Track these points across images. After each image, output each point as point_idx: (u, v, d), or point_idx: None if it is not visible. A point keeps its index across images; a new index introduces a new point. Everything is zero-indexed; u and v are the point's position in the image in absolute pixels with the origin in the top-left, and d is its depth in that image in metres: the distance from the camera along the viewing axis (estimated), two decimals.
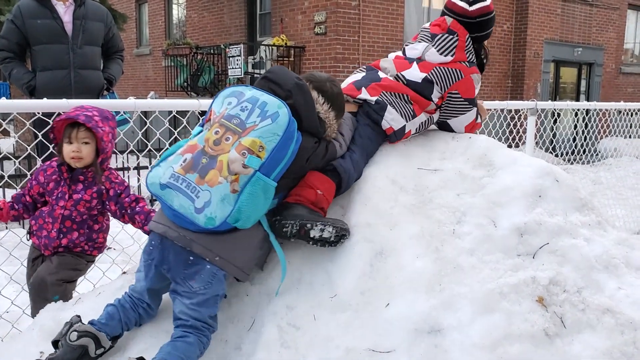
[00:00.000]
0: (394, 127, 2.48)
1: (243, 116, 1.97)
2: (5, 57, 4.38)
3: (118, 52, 4.84)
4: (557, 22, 13.50)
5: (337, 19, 10.33)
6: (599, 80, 14.79)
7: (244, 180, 1.90)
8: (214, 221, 1.87)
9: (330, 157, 2.24)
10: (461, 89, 2.57)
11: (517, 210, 2.22)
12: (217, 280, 1.96)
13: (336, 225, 2.10)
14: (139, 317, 2.08)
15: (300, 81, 2.11)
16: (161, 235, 1.99)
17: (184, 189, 1.89)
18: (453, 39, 2.57)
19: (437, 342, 1.91)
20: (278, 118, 1.95)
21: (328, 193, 2.18)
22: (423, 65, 2.57)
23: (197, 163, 1.92)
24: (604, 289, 2.07)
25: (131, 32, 16.05)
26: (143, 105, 3.07)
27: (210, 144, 1.94)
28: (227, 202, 1.88)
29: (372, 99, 2.49)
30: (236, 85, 2.11)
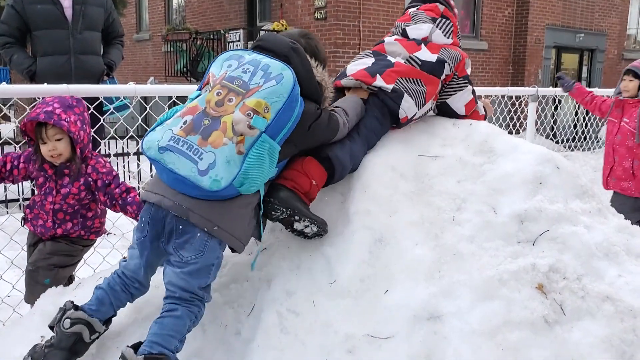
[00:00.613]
0: (409, 115, 2.49)
1: (246, 78, 1.91)
2: (5, 42, 4.36)
3: (118, 38, 4.81)
4: (559, 7, 13.39)
5: (337, 4, 10.25)
6: (601, 66, 14.70)
7: (250, 142, 1.83)
8: (219, 183, 1.79)
9: (333, 129, 2.18)
10: (459, 70, 2.66)
11: (518, 197, 2.21)
12: (210, 249, 1.89)
13: (321, 226, 2.12)
14: (130, 297, 2.05)
15: (295, 44, 2.04)
16: (154, 205, 1.91)
17: (186, 151, 1.81)
18: (450, 24, 2.71)
19: (437, 329, 1.91)
20: (283, 79, 1.90)
21: (320, 182, 2.18)
22: (431, 47, 2.62)
23: (198, 125, 1.84)
24: (604, 277, 2.07)
25: (131, 17, 15.94)
26: (143, 91, 3.06)
27: (212, 105, 1.87)
28: (233, 164, 1.80)
29: (389, 87, 2.47)
30: (234, 50, 2.05)
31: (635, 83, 4.14)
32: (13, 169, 2.63)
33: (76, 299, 2.29)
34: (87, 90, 3.25)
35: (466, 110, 2.70)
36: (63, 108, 2.46)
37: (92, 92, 3.34)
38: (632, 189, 4.07)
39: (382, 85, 2.47)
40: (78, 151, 2.49)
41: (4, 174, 2.65)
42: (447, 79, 2.63)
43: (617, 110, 4.21)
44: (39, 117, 2.40)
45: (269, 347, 1.93)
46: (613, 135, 4.18)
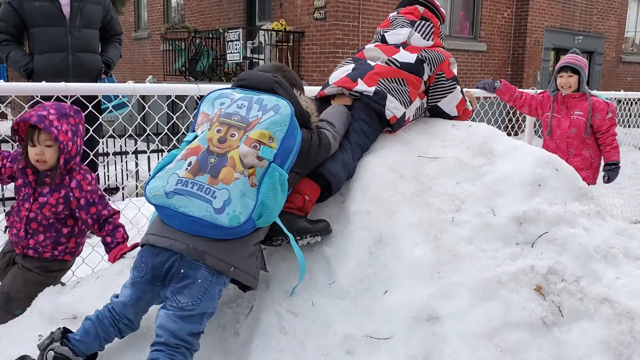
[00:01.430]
0: (397, 115, 2.48)
1: (242, 112, 1.90)
2: (2, 39, 4.35)
3: (116, 36, 4.80)
4: (558, 9, 13.42)
5: (336, 4, 10.25)
6: (599, 69, 14.73)
7: (261, 173, 1.83)
8: (239, 218, 1.76)
9: (325, 147, 2.18)
10: (445, 70, 2.65)
11: (517, 198, 2.22)
12: (208, 297, 1.83)
13: (323, 233, 2.14)
14: (119, 332, 1.98)
15: (276, 78, 2.05)
16: (156, 247, 1.86)
17: (197, 192, 1.78)
18: (430, 25, 2.70)
19: (435, 330, 1.91)
20: (280, 109, 1.90)
21: (313, 197, 2.20)
22: (410, 49, 2.62)
23: (204, 164, 1.81)
24: (602, 279, 2.07)
25: (129, 15, 15.92)
26: (142, 90, 3.06)
27: (215, 143, 1.84)
28: (249, 197, 1.79)
29: (371, 90, 2.47)
30: (221, 89, 2.04)
31: (575, 78, 4.24)
32: (1, 168, 2.55)
33: (74, 298, 2.30)
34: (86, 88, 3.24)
35: (458, 111, 2.72)
36: (58, 115, 2.40)
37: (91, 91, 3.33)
38: (590, 178, 4.24)
39: (364, 89, 2.48)
40: (62, 161, 2.40)
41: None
42: (430, 80, 2.63)
43: (561, 106, 4.33)
44: (31, 119, 2.35)
45: (268, 348, 1.93)
46: (565, 129, 4.29)
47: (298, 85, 2.25)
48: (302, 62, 11.07)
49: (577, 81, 4.27)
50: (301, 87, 2.29)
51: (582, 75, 4.28)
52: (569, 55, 4.40)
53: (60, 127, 2.37)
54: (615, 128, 4.37)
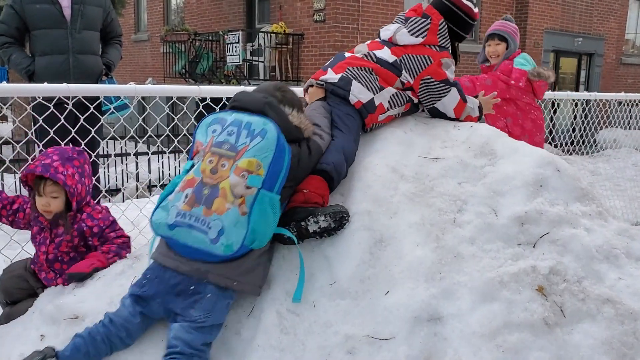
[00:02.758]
0: (362, 100, 2.47)
1: (232, 140, 1.99)
2: (4, 42, 4.36)
3: (117, 37, 4.81)
4: (558, 11, 13.43)
5: (336, 6, 10.27)
6: (599, 70, 14.75)
7: (251, 200, 1.92)
8: (232, 247, 1.88)
9: (316, 152, 2.23)
10: (433, 74, 2.59)
11: (518, 199, 2.22)
12: (218, 310, 1.95)
13: (328, 212, 2.09)
14: (109, 349, 1.99)
15: (267, 98, 2.11)
16: (163, 267, 1.98)
17: (194, 224, 1.90)
18: (425, 22, 2.63)
19: (437, 330, 1.91)
20: (267, 134, 1.98)
21: (315, 188, 2.16)
22: (394, 50, 2.60)
23: (199, 196, 1.92)
24: (604, 279, 2.07)
25: (129, 17, 15.94)
26: (144, 91, 3.06)
27: (207, 174, 1.95)
28: (240, 226, 1.89)
29: (336, 77, 2.50)
30: (215, 113, 2.12)
31: (503, 46, 4.07)
32: (19, 212, 2.58)
33: (75, 298, 2.29)
34: (87, 89, 3.25)
35: (456, 114, 2.68)
36: (61, 160, 2.42)
37: (92, 92, 3.33)
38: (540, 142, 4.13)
39: (330, 77, 2.51)
40: (74, 204, 2.44)
41: (7, 212, 2.59)
42: (414, 85, 2.59)
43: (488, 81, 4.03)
44: (36, 170, 2.37)
45: (269, 347, 1.93)
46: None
47: (295, 104, 2.27)
48: (302, 64, 11.08)
49: (505, 49, 4.07)
50: (299, 105, 2.31)
51: (509, 42, 4.08)
52: (497, 21, 4.22)
53: (66, 172, 2.40)
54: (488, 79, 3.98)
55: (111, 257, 2.44)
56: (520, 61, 4.11)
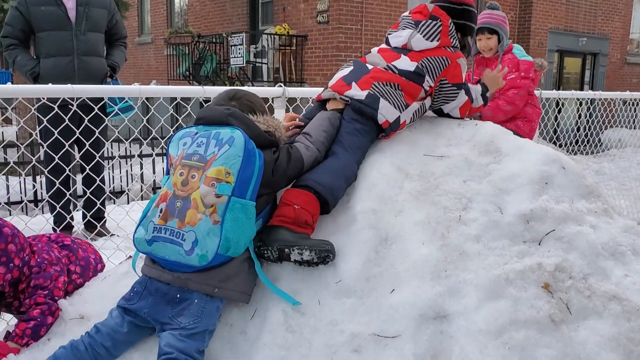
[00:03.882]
0: (390, 120, 2.41)
1: (201, 150, 1.99)
2: (9, 44, 4.38)
3: (121, 39, 4.83)
4: (562, 11, 13.41)
5: (339, 7, 10.27)
6: (604, 70, 14.71)
7: (222, 209, 1.91)
8: (206, 257, 1.89)
9: (297, 160, 2.17)
10: (449, 76, 2.55)
11: (524, 196, 2.21)
12: (207, 315, 1.94)
13: (314, 248, 2.03)
14: (94, 358, 1.95)
15: (229, 110, 2.09)
16: (149, 278, 1.99)
17: (169, 237, 1.92)
18: (437, 24, 2.56)
19: (443, 328, 1.91)
20: (234, 141, 1.97)
21: (307, 205, 2.10)
22: (412, 56, 2.52)
23: (172, 209, 1.94)
24: (611, 276, 2.06)
25: (133, 20, 15.99)
26: (148, 92, 3.07)
27: (179, 187, 1.96)
28: (213, 234, 1.89)
29: (363, 94, 2.40)
30: (186, 128, 2.12)
31: (495, 39, 3.96)
32: None
33: (81, 298, 2.30)
34: (92, 90, 3.26)
35: (462, 114, 2.64)
36: None
37: (97, 93, 3.34)
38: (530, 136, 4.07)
39: (356, 94, 2.41)
40: (7, 288, 2.19)
41: None
42: (432, 88, 2.55)
43: (480, 68, 4.05)
44: None
45: (275, 346, 1.93)
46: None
47: (257, 108, 2.25)
48: (305, 66, 11.09)
49: (496, 42, 3.96)
50: (261, 108, 2.28)
51: (500, 34, 3.95)
52: (484, 12, 4.06)
53: None
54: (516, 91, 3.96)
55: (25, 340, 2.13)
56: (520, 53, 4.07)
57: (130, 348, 2.03)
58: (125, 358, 2.01)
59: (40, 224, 4.28)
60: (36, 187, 5.92)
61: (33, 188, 5.98)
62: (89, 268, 2.45)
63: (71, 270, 2.36)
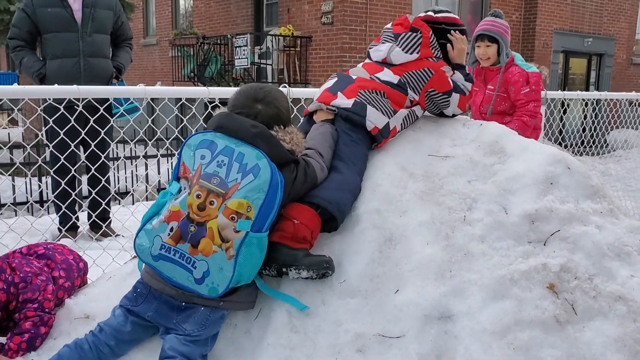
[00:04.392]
0: (379, 126, 2.37)
1: (222, 173, 1.88)
2: (16, 45, 4.41)
3: (127, 41, 4.85)
4: (568, 11, 13.37)
5: (344, 8, 10.28)
6: (609, 71, 14.65)
7: (238, 244, 1.86)
8: (217, 290, 1.87)
9: (313, 177, 2.13)
10: (436, 85, 2.51)
11: (528, 197, 2.21)
12: (212, 323, 1.94)
13: (312, 267, 1.99)
14: (97, 357, 1.95)
15: (256, 128, 1.96)
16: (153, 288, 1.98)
17: (179, 260, 1.87)
18: (417, 36, 2.51)
19: (447, 328, 1.91)
20: (260, 172, 1.88)
21: (307, 220, 2.06)
22: (394, 70, 2.49)
23: (185, 232, 1.86)
24: (616, 277, 2.05)
25: (138, 22, 16.04)
26: (153, 92, 3.08)
27: (194, 210, 1.87)
28: (226, 270, 1.86)
29: (349, 102, 2.37)
30: (201, 132, 1.99)
31: (494, 48, 3.79)
32: None
33: (86, 298, 2.31)
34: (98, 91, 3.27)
35: (462, 109, 2.62)
36: None
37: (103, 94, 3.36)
38: None
39: (342, 103, 2.38)
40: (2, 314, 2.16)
41: None
42: (420, 101, 2.51)
43: (479, 78, 3.92)
44: None
45: (279, 346, 1.93)
46: (478, 105, 3.92)
47: (282, 116, 2.10)
48: (310, 67, 11.10)
49: (496, 51, 3.81)
50: (286, 113, 2.15)
51: (501, 43, 3.80)
52: (486, 19, 3.90)
53: None
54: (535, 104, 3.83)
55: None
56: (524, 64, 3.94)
57: (135, 347, 2.03)
58: (130, 357, 2.01)
59: (46, 224, 4.31)
60: (42, 188, 5.95)
61: (39, 189, 6.01)
62: (72, 269, 2.40)
63: (56, 277, 2.30)
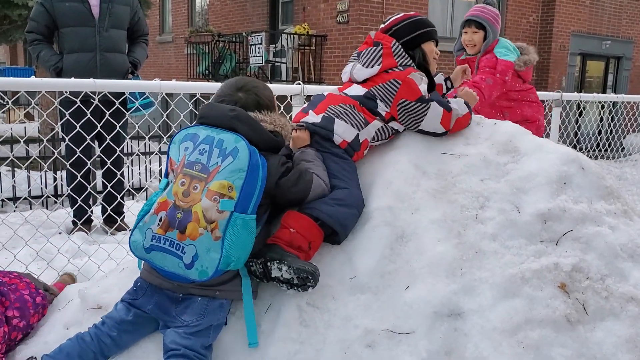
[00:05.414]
0: (347, 139, 2.32)
1: (204, 160, 1.94)
2: (34, 39, 4.46)
3: (143, 36, 4.88)
4: (586, 13, 13.24)
5: (359, 7, 10.27)
6: (627, 74, 14.49)
7: (223, 225, 1.88)
8: (207, 272, 1.88)
9: (306, 182, 2.10)
10: (405, 95, 2.39)
11: (541, 196, 2.20)
12: (210, 312, 1.96)
13: (293, 267, 1.94)
14: (99, 349, 1.98)
15: (234, 111, 2.02)
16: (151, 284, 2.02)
17: (169, 248, 1.90)
18: (377, 49, 2.47)
19: (457, 326, 1.90)
20: (238, 153, 1.92)
21: (304, 230, 2.05)
22: (362, 85, 2.46)
23: (173, 219, 1.90)
24: (629, 278, 2.04)
25: (154, 19, 16.16)
26: (168, 87, 3.11)
27: (180, 197, 1.92)
28: (214, 251, 1.87)
29: (318, 118, 2.35)
30: (185, 128, 2.06)
31: (481, 34, 3.66)
32: None
33: (99, 289, 2.34)
34: (114, 85, 3.30)
35: (445, 126, 2.45)
36: None
37: (119, 87, 3.39)
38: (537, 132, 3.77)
39: (311, 119, 2.35)
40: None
41: None
42: (393, 113, 2.43)
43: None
44: None
45: (289, 340, 1.94)
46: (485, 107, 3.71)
47: (264, 102, 2.16)
48: (324, 66, 11.11)
49: (482, 38, 3.68)
50: (268, 102, 2.18)
51: (488, 31, 3.66)
52: (477, 5, 3.79)
53: None
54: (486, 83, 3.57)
55: None
56: (501, 51, 3.71)
57: (138, 339, 2.05)
58: (141, 347, 2.04)
59: (61, 217, 4.36)
60: (57, 181, 6.02)
61: (54, 182, 6.07)
62: (27, 306, 2.31)
63: (9, 317, 2.21)
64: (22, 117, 3.95)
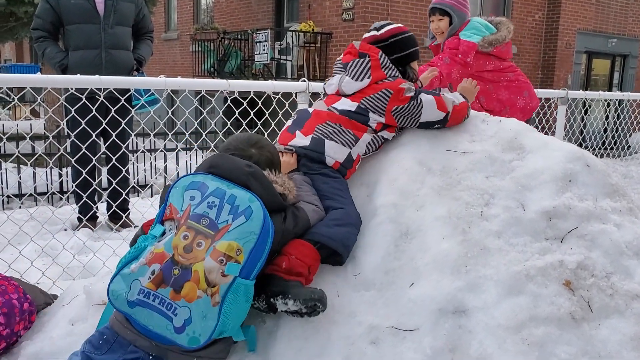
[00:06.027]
0: (340, 160, 2.29)
1: (212, 214, 1.77)
2: (39, 36, 4.48)
3: (148, 33, 4.90)
4: (592, 11, 13.18)
5: (365, 5, 10.26)
6: (633, 72, 14.42)
7: (224, 289, 1.72)
8: (198, 341, 1.71)
9: (303, 223, 2.04)
10: (398, 102, 2.37)
11: (547, 193, 2.19)
12: None
13: (299, 298, 1.84)
14: None
15: (250, 167, 1.90)
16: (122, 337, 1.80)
17: (158, 306, 1.71)
18: (365, 61, 2.42)
19: (462, 323, 1.90)
20: (252, 214, 1.78)
21: (303, 256, 1.98)
22: (351, 98, 2.41)
23: (168, 275, 1.71)
24: (634, 275, 2.03)
25: (160, 16, 16.18)
26: (173, 84, 3.11)
27: (180, 252, 1.73)
28: (210, 318, 1.70)
29: (307, 140, 2.29)
30: (191, 174, 1.91)
31: (446, 21, 3.59)
32: None
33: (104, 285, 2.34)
34: (119, 82, 3.31)
35: (443, 109, 2.42)
36: None
37: (124, 84, 3.40)
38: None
39: (299, 141, 2.30)
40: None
41: None
42: (388, 121, 2.41)
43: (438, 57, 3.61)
44: None
45: (294, 336, 1.94)
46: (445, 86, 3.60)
47: (275, 162, 2.10)
48: (329, 63, 11.10)
49: (447, 24, 3.60)
50: (278, 163, 2.13)
51: (452, 16, 3.59)
52: None
53: None
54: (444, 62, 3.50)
55: None
56: (466, 33, 3.60)
57: None
58: None
59: (66, 213, 4.38)
60: (62, 178, 6.04)
61: (59, 178, 6.09)
62: (14, 312, 2.19)
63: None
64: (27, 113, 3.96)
